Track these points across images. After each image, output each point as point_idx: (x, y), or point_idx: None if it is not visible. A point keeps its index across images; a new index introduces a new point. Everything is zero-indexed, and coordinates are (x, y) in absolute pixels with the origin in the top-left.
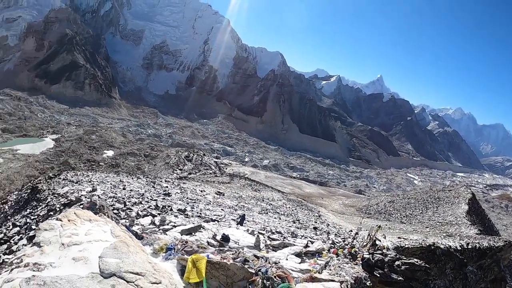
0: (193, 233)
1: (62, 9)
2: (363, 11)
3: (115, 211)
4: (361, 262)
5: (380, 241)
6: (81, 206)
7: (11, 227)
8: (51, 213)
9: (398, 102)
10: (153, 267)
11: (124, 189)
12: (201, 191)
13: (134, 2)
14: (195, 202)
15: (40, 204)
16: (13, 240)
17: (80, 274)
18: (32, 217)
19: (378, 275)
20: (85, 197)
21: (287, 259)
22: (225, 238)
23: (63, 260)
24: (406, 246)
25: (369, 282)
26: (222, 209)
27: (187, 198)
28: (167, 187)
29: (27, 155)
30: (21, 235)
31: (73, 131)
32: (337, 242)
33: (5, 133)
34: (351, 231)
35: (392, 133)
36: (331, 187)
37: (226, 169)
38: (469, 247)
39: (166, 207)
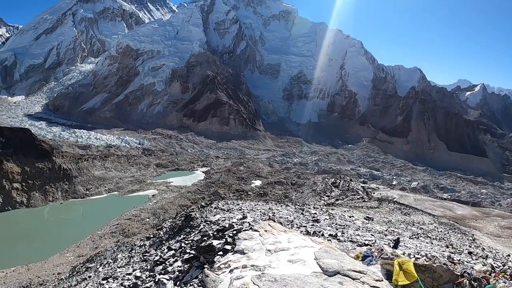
0: None
1: (201, 53)
2: (502, 7)
3: None
4: None
5: None
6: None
7: (166, 250)
8: (205, 238)
9: None
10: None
11: (273, 215)
12: (350, 217)
13: (267, 38)
14: (344, 227)
15: (193, 230)
16: (168, 262)
17: (303, 272)
18: (186, 242)
19: None
20: (236, 224)
21: None
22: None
23: (278, 262)
24: None
25: None
26: (372, 235)
27: (336, 224)
28: (315, 213)
29: (180, 187)
30: (176, 257)
31: (222, 164)
32: (496, 267)
33: (159, 167)
34: (509, 255)
35: None
36: (485, 207)
37: (374, 193)
38: None
39: (317, 232)
